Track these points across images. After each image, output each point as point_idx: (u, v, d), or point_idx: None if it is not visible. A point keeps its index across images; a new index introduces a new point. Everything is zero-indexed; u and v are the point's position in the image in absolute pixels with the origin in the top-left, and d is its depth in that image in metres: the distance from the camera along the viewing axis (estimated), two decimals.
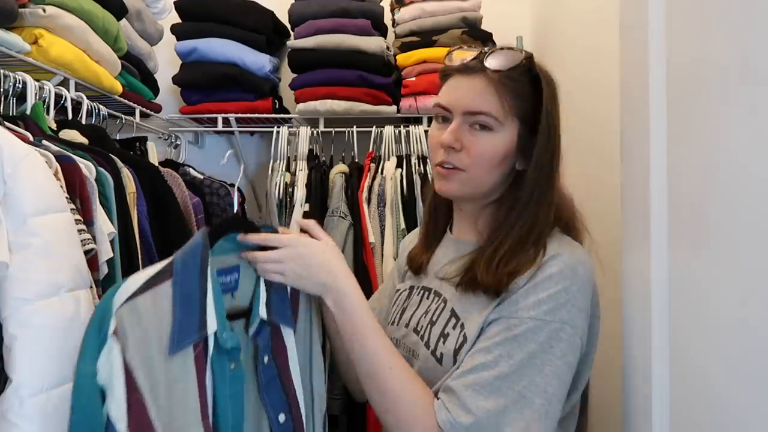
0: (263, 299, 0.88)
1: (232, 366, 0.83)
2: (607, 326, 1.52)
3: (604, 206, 1.52)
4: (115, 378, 0.71)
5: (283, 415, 0.87)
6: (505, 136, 0.91)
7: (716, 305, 0.68)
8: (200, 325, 0.79)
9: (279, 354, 0.89)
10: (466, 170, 0.90)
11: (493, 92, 0.89)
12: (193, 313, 0.79)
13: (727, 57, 0.66)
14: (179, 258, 0.81)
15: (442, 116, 0.94)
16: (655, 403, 0.80)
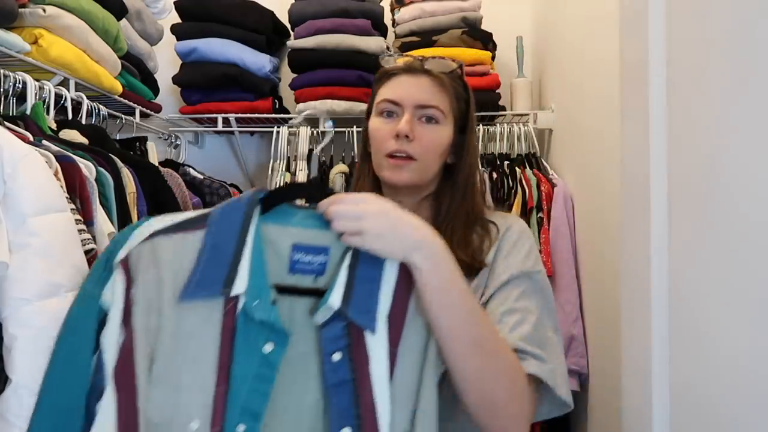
0: (341, 286, 0.74)
1: (268, 347, 0.71)
2: (607, 326, 1.52)
3: (604, 206, 1.52)
4: (114, 308, 0.70)
5: (348, 429, 0.72)
6: (448, 130, 1.00)
7: (716, 305, 0.68)
8: (226, 283, 0.71)
9: (359, 356, 0.73)
10: (418, 159, 0.96)
11: (439, 90, 0.99)
12: (220, 267, 0.72)
13: (728, 55, 0.66)
14: (218, 210, 0.75)
15: (387, 111, 1.00)
16: (656, 403, 0.80)
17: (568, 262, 1.71)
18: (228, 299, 0.72)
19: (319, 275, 0.77)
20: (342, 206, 0.75)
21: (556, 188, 1.79)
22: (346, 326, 0.74)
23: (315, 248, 0.77)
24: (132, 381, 0.69)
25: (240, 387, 0.70)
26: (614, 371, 1.44)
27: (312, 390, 0.73)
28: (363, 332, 0.74)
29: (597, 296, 1.60)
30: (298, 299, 0.75)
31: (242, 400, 0.70)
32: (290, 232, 0.76)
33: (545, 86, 2.17)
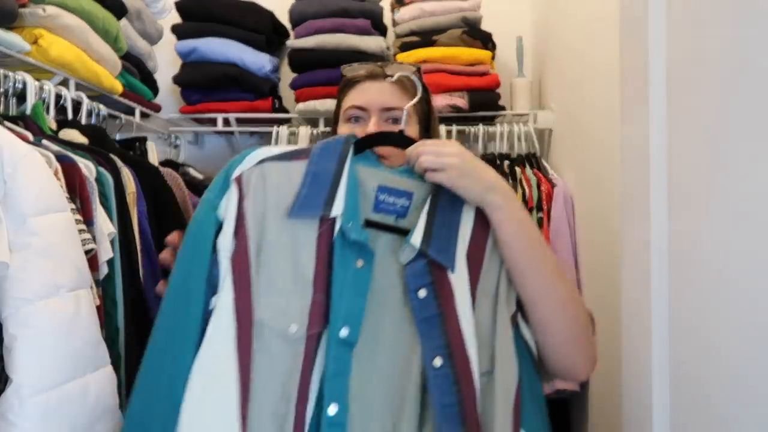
0: (421, 228, 0.81)
1: (359, 263, 0.80)
2: (607, 326, 1.52)
3: (604, 206, 1.52)
4: (228, 218, 0.80)
5: (440, 359, 0.78)
6: (414, 130, 1.07)
7: (717, 305, 0.68)
8: (326, 202, 0.81)
9: (443, 293, 0.80)
10: (388, 158, 0.99)
11: (402, 93, 1.06)
12: (321, 191, 0.81)
13: (728, 55, 0.66)
14: (319, 146, 0.86)
15: (355, 116, 1.07)
16: (656, 403, 0.80)
17: (568, 262, 1.71)
18: (322, 221, 0.81)
19: (400, 217, 0.85)
20: (427, 147, 0.83)
21: (556, 188, 1.79)
22: (428, 264, 0.81)
23: (398, 191, 0.86)
24: (247, 282, 0.79)
25: (340, 296, 0.78)
26: (614, 371, 1.44)
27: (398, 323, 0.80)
28: (445, 271, 0.81)
29: (597, 296, 1.60)
30: (380, 235, 0.84)
31: (344, 307, 0.78)
32: (377, 174, 0.86)
33: (545, 86, 2.17)
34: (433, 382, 0.77)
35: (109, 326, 1.10)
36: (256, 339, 0.77)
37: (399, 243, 0.83)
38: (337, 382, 0.76)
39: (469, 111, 2.01)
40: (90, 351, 0.90)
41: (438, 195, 0.84)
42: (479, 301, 0.82)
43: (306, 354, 0.77)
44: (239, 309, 0.77)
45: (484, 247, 0.84)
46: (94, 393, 0.89)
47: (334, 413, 0.75)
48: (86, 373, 0.88)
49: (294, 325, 0.77)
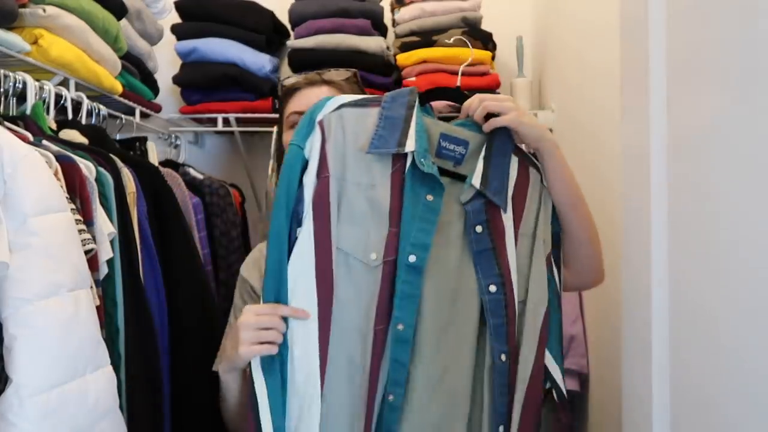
0: (479, 170, 0.93)
1: (430, 197, 0.91)
2: (607, 326, 1.52)
3: (605, 206, 1.52)
4: (312, 158, 0.92)
5: (494, 286, 0.91)
6: None
7: (717, 305, 0.68)
8: (399, 141, 0.91)
9: (496, 230, 0.94)
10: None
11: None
12: (394, 131, 0.92)
13: (728, 55, 0.66)
14: (389, 95, 0.98)
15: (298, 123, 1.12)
16: (656, 403, 0.80)
17: None
18: (395, 159, 0.93)
19: (458, 163, 0.96)
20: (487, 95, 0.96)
21: None
22: (485, 203, 0.94)
23: (457, 140, 0.96)
24: (327, 214, 0.90)
25: (409, 227, 0.90)
26: (614, 371, 1.44)
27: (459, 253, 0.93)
28: (499, 211, 0.94)
29: (597, 296, 1.60)
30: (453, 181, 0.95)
31: (412, 237, 0.89)
32: (439, 124, 0.97)
33: (545, 86, 2.17)
34: (489, 306, 0.91)
35: (109, 326, 1.10)
36: (337, 265, 0.89)
37: (457, 186, 0.95)
38: (406, 303, 0.88)
39: None
40: (90, 351, 0.90)
41: (492, 144, 0.95)
42: (520, 239, 0.95)
43: (383, 278, 0.89)
44: (318, 239, 0.89)
45: (526, 192, 0.97)
46: (94, 393, 0.89)
47: (402, 330, 0.87)
48: (86, 374, 0.88)
49: (374, 253, 0.89)
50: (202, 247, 1.67)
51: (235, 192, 2.02)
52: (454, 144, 0.96)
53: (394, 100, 0.96)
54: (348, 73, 1.19)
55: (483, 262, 0.92)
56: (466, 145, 0.96)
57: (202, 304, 1.20)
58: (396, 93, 0.98)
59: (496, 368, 0.90)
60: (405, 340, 0.87)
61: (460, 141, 0.96)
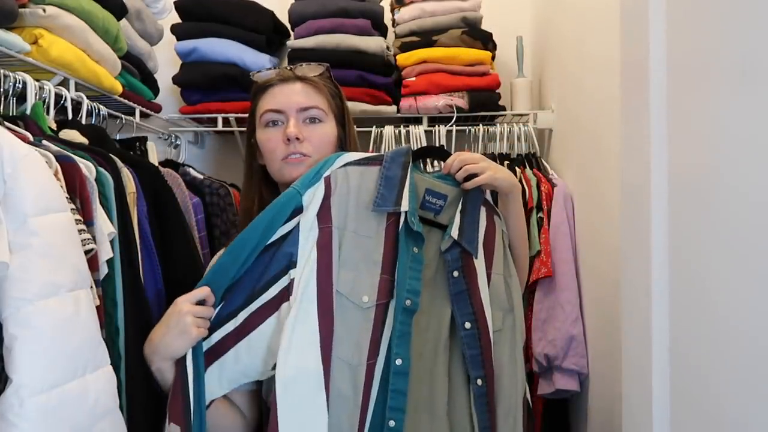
0: (457, 225, 1.06)
1: (415, 250, 1.04)
2: (607, 326, 1.52)
3: (604, 206, 1.52)
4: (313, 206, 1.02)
5: (468, 323, 1.03)
6: (331, 127, 1.14)
7: (717, 305, 0.68)
8: (396, 201, 1.04)
9: (469, 274, 1.06)
10: (311, 156, 1.10)
11: (315, 92, 1.13)
12: (393, 191, 1.04)
13: (728, 55, 0.66)
14: (390, 154, 1.09)
15: (272, 120, 1.11)
16: (656, 403, 0.80)
17: (568, 262, 1.71)
18: (389, 214, 1.05)
19: (437, 213, 1.10)
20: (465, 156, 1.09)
21: (556, 188, 1.79)
22: (460, 251, 1.06)
23: (438, 194, 1.11)
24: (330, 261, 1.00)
25: (403, 275, 1.01)
26: (614, 371, 1.44)
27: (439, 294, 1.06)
28: (471, 257, 1.07)
29: (597, 296, 1.60)
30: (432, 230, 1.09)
31: (407, 284, 1.01)
32: (425, 179, 1.11)
33: (545, 86, 2.17)
34: (464, 340, 1.03)
35: (109, 326, 1.10)
36: (336, 306, 0.98)
37: (435, 233, 1.09)
38: (402, 341, 0.98)
39: (469, 111, 2.01)
40: (90, 351, 0.90)
41: (467, 198, 1.10)
42: (494, 278, 1.09)
43: (375, 319, 0.99)
44: (321, 282, 0.99)
45: (494, 239, 1.12)
46: (94, 393, 0.89)
47: (400, 364, 0.97)
48: (86, 374, 0.88)
49: (365, 296, 0.99)
50: (202, 247, 1.67)
51: (235, 192, 2.02)
52: (436, 198, 1.10)
53: (393, 160, 1.08)
54: (321, 68, 1.17)
55: (459, 302, 1.04)
56: (445, 198, 1.11)
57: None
58: (395, 153, 1.10)
59: (475, 391, 1.02)
60: (404, 373, 0.97)
61: (440, 195, 1.10)
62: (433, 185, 1.11)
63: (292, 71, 1.14)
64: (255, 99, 1.15)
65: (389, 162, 1.08)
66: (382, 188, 1.04)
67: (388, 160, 1.08)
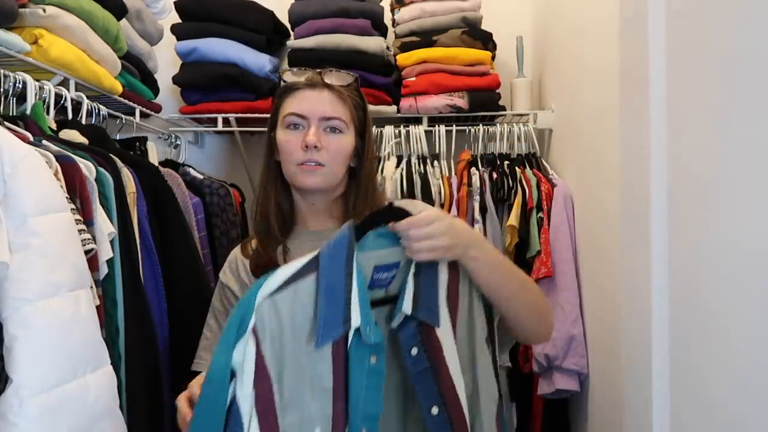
0: (410, 294, 0.89)
1: (373, 359, 0.86)
2: (607, 326, 1.52)
3: (604, 206, 1.52)
4: (246, 365, 0.79)
5: (436, 407, 0.89)
6: (350, 138, 1.12)
7: (717, 305, 0.68)
8: (345, 319, 0.83)
9: (432, 349, 0.90)
10: (326, 165, 1.08)
11: (340, 102, 1.11)
12: (338, 306, 0.83)
13: (727, 55, 0.66)
14: (325, 253, 0.85)
15: (294, 123, 1.10)
16: (656, 403, 0.80)
17: (568, 262, 1.71)
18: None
19: (387, 286, 0.92)
20: (415, 232, 0.88)
21: (556, 188, 1.79)
22: (419, 324, 0.89)
23: (389, 266, 0.91)
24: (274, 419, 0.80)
25: (357, 398, 0.84)
26: (614, 371, 1.44)
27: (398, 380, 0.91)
28: (433, 328, 0.90)
29: (597, 296, 1.60)
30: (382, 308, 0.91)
31: (361, 410, 0.84)
32: (373, 255, 0.89)
33: (545, 86, 2.17)
34: (433, 429, 0.88)
35: (109, 326, 1.10)
36: None
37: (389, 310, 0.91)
38: None
39: (469, 111, 2.01)
40: (90, 351, 0.90)
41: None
42: (459, 336, 0.93)
43: None
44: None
45: (458, 289, 0.95)
46: (94, 393, 0.89)
47: None
48: (86, 374, 0.88)
49: (318, 428, 0.83)
50: (202, 247, 1.67)
51: (235, 192, 2.02)
52: (386, 271, 0.91)
53: (332, 261, 0.85)
54: (350, 78, 1.15)
55: (422, 384, 0.89)
56: (397, 265, 0.92)
57: (202, 304, 1.20)
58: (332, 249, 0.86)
59: None
60: None
61: (391, 266, 0.91)
62: (381, 259, 0.90)
63: (321, 77, 1.13)
64: (281, 98, 1.15)
65: (326, 265, 0.85)
66: (323, 309, 0.83)
67: (324, 264, 0.85)
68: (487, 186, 1.85)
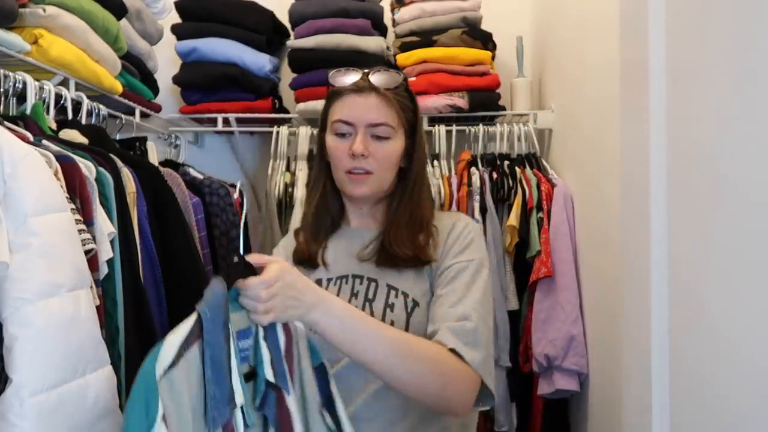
0: (267, 358, 0.81)
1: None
2: (607, 326, 1.52)
3: (604, 206, 1.52)
4: None
5: None
6: (399, 142, 1.10)
7: (717, 305, 0.68)
8: (230, 397, 0.75)
9: (283, 421, 0.82)
10: (374, 173, 1.07)
11: (388, 107, 1.07)
12: (223, 383, 0.75)
13: (728, 55, 0.66)
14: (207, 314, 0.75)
15: (341, 132, 1.08)
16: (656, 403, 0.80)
17: (568, 262, 1.71)
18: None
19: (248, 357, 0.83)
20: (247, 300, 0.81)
21: (556, 188, 1.79)
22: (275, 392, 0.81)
23: (245, 332, 0.82)
24: None
25: None
26: (614, 371, 1.44)
27: None
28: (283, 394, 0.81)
29: (597, 296, 1.60)
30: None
31: None
32: (234, 319, 0.80)
33: (545, 86, 2.17)
34: None
35: (109, 326, 1.10)
36: None
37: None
38: None
39: (469, 111, 2.01)
40: (90, 351, 0.90)
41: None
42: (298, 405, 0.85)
43: None
44: None
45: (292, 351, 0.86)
46: (94, 393, 0.89)
47: None
48: (86, 373, 0.88)
49: None
50: (202, 247, 1.67)
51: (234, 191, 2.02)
52: (244, 338, 0.82)
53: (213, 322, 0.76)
54: (398, 78, 1.09)
55: None
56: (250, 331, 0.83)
57: None
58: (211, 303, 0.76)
59: None
60: None
61: (248, 332, 0.83)
62: (238, 323, 0.80)
63: (368, 79, 1.07)
64: (329, 102, 1.12)
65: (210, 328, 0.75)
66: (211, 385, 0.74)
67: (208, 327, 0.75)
68: (487, 186, 1.85)
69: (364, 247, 1.11)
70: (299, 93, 2.08)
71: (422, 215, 1.10)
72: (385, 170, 1.09)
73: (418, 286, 1.06)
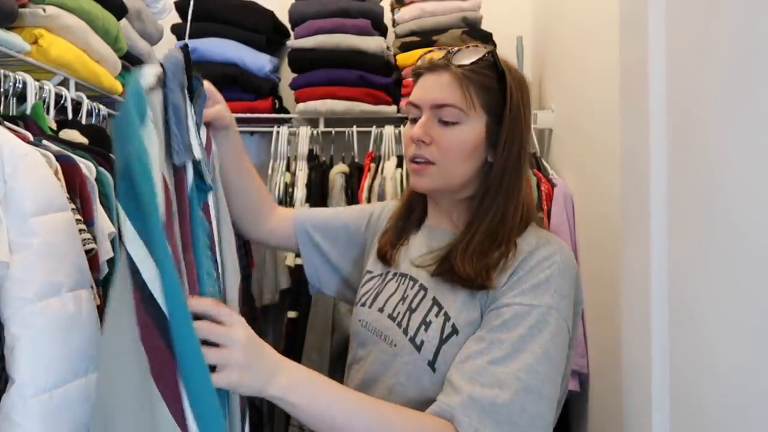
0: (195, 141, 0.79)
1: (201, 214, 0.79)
2: (607, 326, 1.52)
3: (604, 206, 1.52)
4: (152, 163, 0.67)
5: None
6: (473, 129, 0.91)
7: (716, 305, 0.68)
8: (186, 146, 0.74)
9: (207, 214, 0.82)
10: (437, 163, 0.91)
11: (458, 85, 0.90)
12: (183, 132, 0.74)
13: (728, 55, 0.66)
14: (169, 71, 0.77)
15: (413, 115, 0.96)
16: (655, 403, 0.80)
17: None
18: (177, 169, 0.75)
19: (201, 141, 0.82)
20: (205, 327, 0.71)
21: (556, 188, 1.79)
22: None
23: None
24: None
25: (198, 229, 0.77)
26: (614, 371, 1.44)
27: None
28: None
29: (597, 296, 1.60)
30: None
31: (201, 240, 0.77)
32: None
33: (545, 86, 2.17)
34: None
35: None
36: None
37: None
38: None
39: None
40: (91, 351, 0.90)
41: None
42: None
43: None
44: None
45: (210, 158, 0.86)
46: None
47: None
48: (88, 373, 0.88)
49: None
50: None
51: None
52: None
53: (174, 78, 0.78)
54: (481, 52, 0.93)
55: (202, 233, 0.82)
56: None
57: None
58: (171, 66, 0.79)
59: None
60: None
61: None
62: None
63: (447, 58, 0.94)
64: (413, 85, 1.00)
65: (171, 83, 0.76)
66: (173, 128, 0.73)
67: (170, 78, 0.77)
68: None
69: (430, 251, 0.96)
70: (299, 93, 2.08)
71: (505, 227, 0.90)
72: (450, 161, 0.90)
73: (466, 313, 0.86)
